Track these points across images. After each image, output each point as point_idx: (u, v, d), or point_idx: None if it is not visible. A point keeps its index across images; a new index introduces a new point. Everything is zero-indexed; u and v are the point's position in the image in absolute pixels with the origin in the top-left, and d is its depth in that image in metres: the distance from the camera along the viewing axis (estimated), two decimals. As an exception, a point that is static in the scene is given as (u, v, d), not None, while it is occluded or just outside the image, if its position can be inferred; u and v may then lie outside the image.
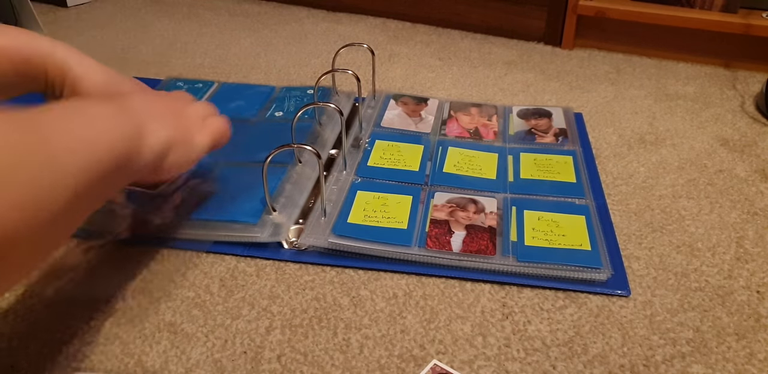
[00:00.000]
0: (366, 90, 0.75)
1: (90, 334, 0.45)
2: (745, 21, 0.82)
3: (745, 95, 0.80)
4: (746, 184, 0.63)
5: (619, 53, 0.92)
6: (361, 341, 0.45)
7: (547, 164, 0.63)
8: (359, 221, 0.54)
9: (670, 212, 0.58)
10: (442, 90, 0.82)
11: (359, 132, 0.68)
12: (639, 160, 0.67)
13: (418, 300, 0.49)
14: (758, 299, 0.49)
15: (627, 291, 0.49)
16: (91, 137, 0.35)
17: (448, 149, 0.65)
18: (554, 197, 0.58)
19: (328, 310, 0.48)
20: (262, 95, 0.76)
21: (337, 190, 0.58)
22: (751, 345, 0.45)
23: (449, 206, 0.56)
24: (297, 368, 0.43)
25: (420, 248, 0.52)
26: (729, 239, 0.55)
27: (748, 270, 0.52)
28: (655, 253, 0.54)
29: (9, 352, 0.44)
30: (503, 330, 0.46)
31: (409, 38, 0.98)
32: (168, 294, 0.49)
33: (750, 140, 0.70)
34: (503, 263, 0.50)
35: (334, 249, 0.52)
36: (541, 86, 0.83)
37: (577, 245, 0.52)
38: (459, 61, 0.90)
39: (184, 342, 0.45)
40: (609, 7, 0.88)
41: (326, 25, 1.03)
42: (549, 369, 0.43)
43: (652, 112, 0.76)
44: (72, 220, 0.35)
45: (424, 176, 0.61)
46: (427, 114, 0.72)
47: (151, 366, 0.43)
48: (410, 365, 0.43)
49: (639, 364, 0.43)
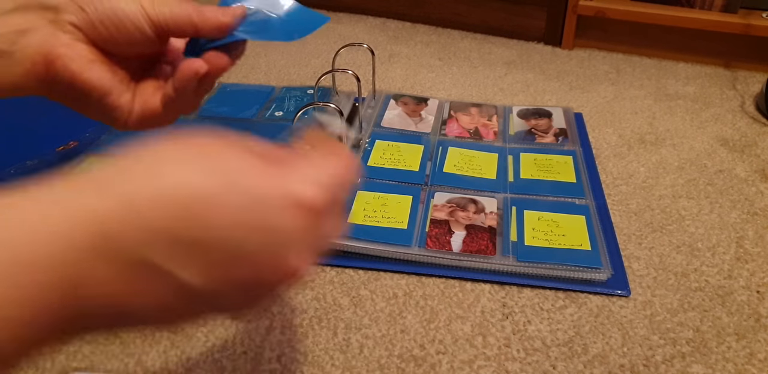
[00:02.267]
0: (366, 90, 0.75)
1: (90, 334, 0.45)
2: (745, 21, 0.82)
3: (745, 95, 0.80)
4: (746, 184, 0.63)
5: (619, 53, 0.92)
6: (361, 341, 0.45)
7: (547, 164, 0.63)
8: (359, 221, 0.54)
9: (670, 212, 0.58)
10: (442, 90, 0.82)
11: (359, 132, 0.68)
12: (639, 160, 0.67)
13: (418, 300, 0.49)
14: (758, 299, 0.49)
15: (627, 291, 0.49)
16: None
17: (448, 149, 0.65)
18: (554, 197, 0.58)
19: (328, 310, 0.48)
20: (262, 94, 0.76)
21: (337, 190, 0.58)
22: (751, 345, 0.45)
23: (449, 206, 0.56)
24: (297, 368, 0.43)
25: (420, 248, 0.52)
26: (729, 239, 0.55)
27: (748, 270, 0.52)
28: (655, 253, 0.53)
29: (9, 352, 0.44)
30: (503, 330, 0.46)
31: (409, 38, 0.98)
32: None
33: (750, 140, 0.70)
34: (503, 263, 0.50)
35: (334, 249, 0.52)
36: (541, 86, 0.83)
37: (577, 245, 0.52)
38: (459, 61, 0.90)
39: (184, 342, 0.45)
40: (609, 7, 0.88)
41: (326, 25, 1.02)
42: (549, 369, 0.43)
43: (652, 112, 0.76)
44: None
45: (424, 176, 0.61)
46: (427, 114, 0.72)
47: (151, 366, 0.43)
48: (410, 365, 0.43)
49: (639, 364, 0.43)
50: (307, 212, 0.23)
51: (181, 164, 0.23)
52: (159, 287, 0.21)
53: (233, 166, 0.23)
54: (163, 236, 0.21)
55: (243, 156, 0.24)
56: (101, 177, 0.22)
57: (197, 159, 0.23)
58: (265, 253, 0.23)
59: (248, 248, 0.22)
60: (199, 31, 0.35)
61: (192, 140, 0.24)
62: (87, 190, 0.21)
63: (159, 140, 0.24)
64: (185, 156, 0.23)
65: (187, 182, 0.22)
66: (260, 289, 0.24)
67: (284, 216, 0.23)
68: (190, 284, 0.22)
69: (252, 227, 0.22)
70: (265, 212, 0.22)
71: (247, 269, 0.22)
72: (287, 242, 0.23)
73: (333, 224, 0.26)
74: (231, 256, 0.22)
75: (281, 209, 0.23)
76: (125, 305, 0.22)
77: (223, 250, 0.22)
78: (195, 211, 0.21)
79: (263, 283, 0.24)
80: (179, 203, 0.21)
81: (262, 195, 0.22)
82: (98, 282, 0.21)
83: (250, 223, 0.22)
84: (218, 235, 0.22)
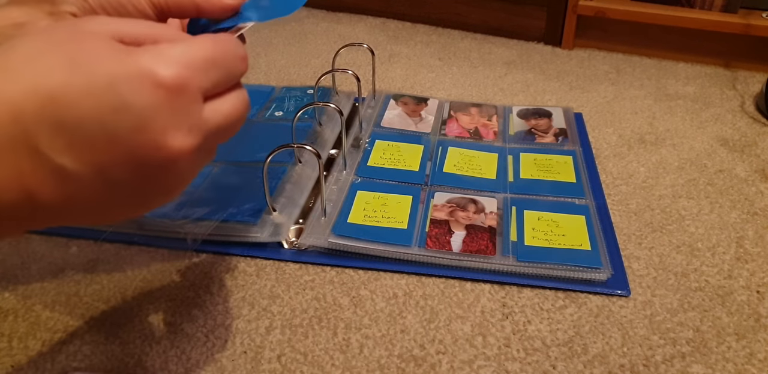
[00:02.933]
0: (366, 90, 0.75)
1: (90, 334, 0.45)
2: (745, 21, 0.82)
3: (745, 95, 0.80)
4: (746, 184, 0.63)
5: (619, 53, 0.92)
6: (361, 341, 0.45)
7: (547, 164, 0.63)
8: (359, 221, 0.54)
9: (670, 212, 0.58)
10: (442, 90, 0.82)
11: (359, 132, 0.68)
12: (639, 160, 0.67)
13: (418, 300, 0.49)
14: (758, 299, 0.49)
15: (627, 291, 0.49)
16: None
17: (448, 149, 0.65)
18: (554, 197, 0.58)
19: (328, 310, 0.48)
20: (262, 94, 0.76)
21: (337, 190, 0.58)
22: (751, 345, 0.45)
23: (449, 206, 0.56)
24: (297, 368, 0.43)
25: (420, 248, 0.52)
26: (729, 239, 0.55)
27: (748, 270, 0.52)
28: (655, 253, 0.54)
29: (9, 352, 0.44)
30: (503, 330, 0.46)
31: (409, 38, 0.98)
32: (168, 294, 0.49)
33: (750, 140, 0.70)
34: (503, 263, 0.50)
35: (334, 249, 0.52)
36: (541, 86, 0.83)
37: (577, 245, 0.52)
38: (459, 61, 0.90)
39: (184, 342, 0.45)
40: (609, 7, 0.88)
41: (326, 25, 1.03)
42: (549, 369, 0.43)
43: (652, 112, 0.76)
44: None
45: (424, 176, 0.61)
46: (427, 114, 0.72)
47: (151, 366, 0.43)
48: (410, 365, 0.43)
49: (639, 364, 0.43)
50: (166, 89, 0.24)
51: (37, 53, 0.23)
52: (42, 174, 0.23)
53: (82, 50, 0.24)
54: (37, 122, 0.22)
55: (97, 43, 0.24)
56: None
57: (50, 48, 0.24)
58: (131, 132, 0.23)
59: (110, 128, 0.23)
60: (201, 11, 0.34)
61: (52, 33, 0.25)
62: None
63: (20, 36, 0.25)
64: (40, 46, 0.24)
65: (42, 67, 0.23)
66: (150, 170, 0.25)
67: (139, 94, 0.23)
68: (71, 169, 0.23)
69: (109, 107, 0.23)
70: (116, 92, 0.23)
71: (119, 149, 0.24)
72: (151, 121, 0.24)
73: (226, 101, 0.27)
74: (104, 139, 0.23)
75: (133, 87, 0.23)
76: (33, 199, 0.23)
77: (94, 134, 0.23)
78: (53, 97, 0.22)
79: (149, 165, 0.25)
80: (43, 93, 0.22)
81: (111, 73, 0.23)
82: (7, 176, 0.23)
83: (106, 103, 0.23)
84: (83, 119, 0.23)
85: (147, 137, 0.24)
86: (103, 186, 0.24)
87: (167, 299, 0.48)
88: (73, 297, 0.48)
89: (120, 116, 0.23)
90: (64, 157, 0.23)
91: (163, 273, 0.51)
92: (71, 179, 0.24)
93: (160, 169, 0.25)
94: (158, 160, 0.24)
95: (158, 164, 0.25)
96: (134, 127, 0.23)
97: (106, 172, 0.24)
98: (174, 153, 0.25)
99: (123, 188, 0.25)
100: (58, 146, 0.23)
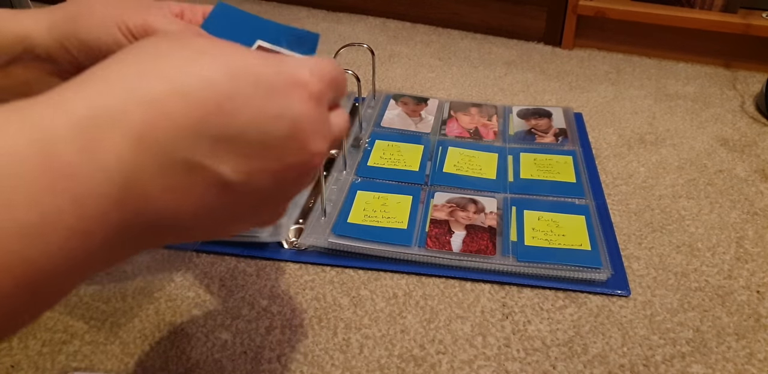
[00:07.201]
0: (366, 90, 0.75)
1: (90, 334, 0.45)
2: (745, 21, 0.82)
3: (745, 95, 0.80)
4: (746, 184, 0.63)
5: (619, 53, 0.92)
6: (361, 341, 0.45)
7: (547, 164, 0.63)
8: (359, 221, 0.54)
9: (670, 212, 0.58)
10: (442, 90, 0.82)
11: (359, 132, 0.68)
12: (639, 160, 0.67)
13: (418, 300, 0.49)
14: (758, 299, 0.49)
15: (627, 290, 0.49)
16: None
17: (448, 149, 0.65)
18: (554, 197, 0.58)
19: (328, 310, 0.48)
20: (262, 94, 0.76)
21: (337, 190, 0.58)
22: (751, 345, 0.45)
23: (449, 206, 0.56)
24: (297, 368, 0.43)
25: (420, 248, 0.52)
26: (729, 239, 0.55)
27: (748, 270, 0.52)
28: (655, 253, 0.54)
29: (9, 352, 0.44)
30: (503, 330, 0.46)
31: (409, 38, 0.98)
32: (168, 294, 0.49)
33: (750, 140, 0.70)
34: (503, 263, 0.50)
35: (334, 249, 0.52)
36: (541, 86, 0.83)
37: (577, 245, 0.52)
38: (459, 61, 0.90)
39: (184, 342, 0.45)
40: (609, 7, 0.88)
41: (326, 25, 1.03)
42: (549, 369, 0.43)
43: (652, 112, 0.76)
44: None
45: (424, 176, 0.61)
46: (427, 114, 0.72)
47: (151, 366, 0.43)
48: (410, 365, 0.43)
49: (639, 364, 0.43)
50: (309, 96, 0.24)
51: (186, 60, 0.22)
52: (200, 187, 0.22)
53: (234, 59, 0.23)
54: (197, 134, 0.21)
55: (236, 49, 0.24)
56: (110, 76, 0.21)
57: (197, 55, 0.23)
58: (284, 138, 0.23)
59: (272, 136, 0.23)
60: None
61: (180, 39, 0.24)
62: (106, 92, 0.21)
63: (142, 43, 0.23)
64: (184, 53, 0.23)
65: (202, 76, 0.22)
66: (290, 179, 0.25)
67: (293, 100, 0.24)
68: (229, 179, 0.22)
69: (270, 115, 0.23)
70: (277, 99, 0.23)
71: (276, 157, 0.23)
72: (303, 126, 0.24)
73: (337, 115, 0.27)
74: (260, 147, 0.23)
75: (289, 94, 0.23)
76: (173, 209, 0.22)
77: (252, 141, 0.22)
78: (220, 106, 0.21)
79: (291, 171, 0.24)
80: (202, 99, 0.21)
81: (271, 82, 0.23)
82: (148, 186, 0.21)
83: (268, 112, 0.23)
84: (245, 127, 0.22)
85: (296, 143, 0.24)
86: (243, 195, 0.23)
87: (167, 299, 0.48)
88: (73, 297, 0.48)
89: (279, 122, 0.23)
90: (224, 165, 0.22)
91: (163, 273, 0.51)
92: (228, 188, 0.23)
93: (299, 174, 0.25)
94: (301, 165, 0.25)
95: (300, 169, 0.25)
96: (288, 133, 0.23)
97: (253, 179, 0.23)
98: (315, 158, 0.25)
99: (257, 196, 0.24)
100: (220, 154, 0.22)
